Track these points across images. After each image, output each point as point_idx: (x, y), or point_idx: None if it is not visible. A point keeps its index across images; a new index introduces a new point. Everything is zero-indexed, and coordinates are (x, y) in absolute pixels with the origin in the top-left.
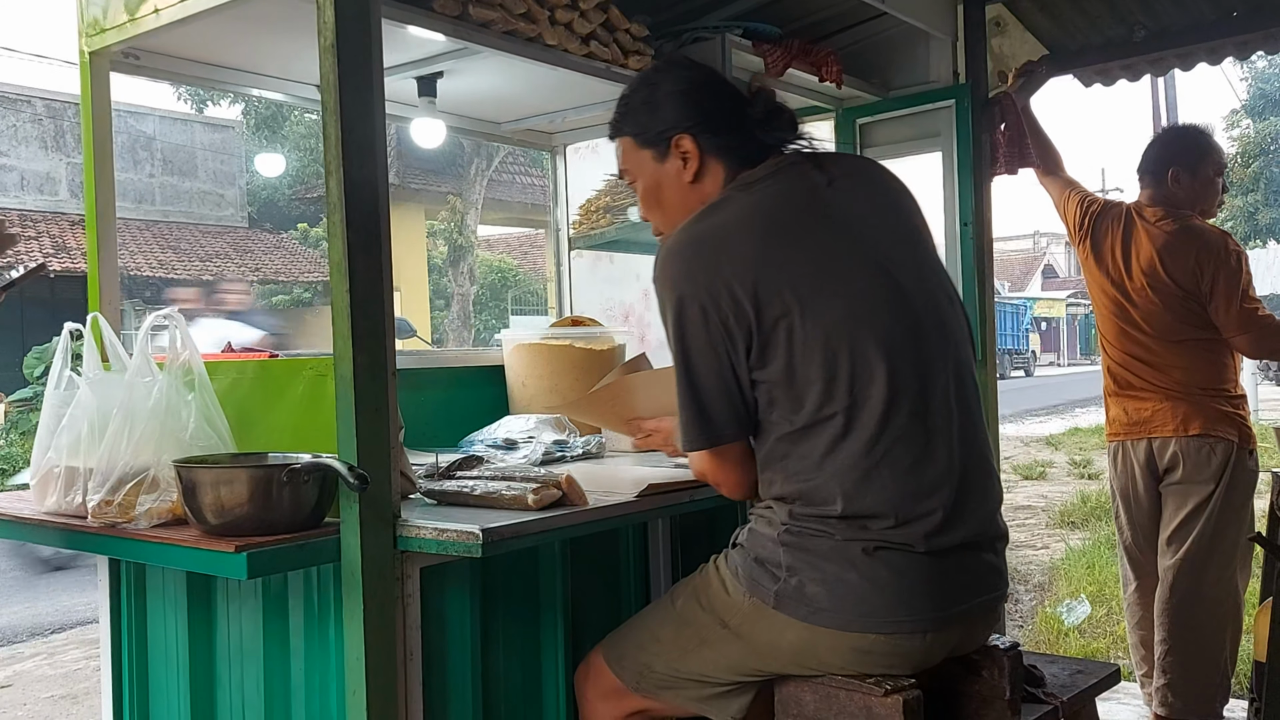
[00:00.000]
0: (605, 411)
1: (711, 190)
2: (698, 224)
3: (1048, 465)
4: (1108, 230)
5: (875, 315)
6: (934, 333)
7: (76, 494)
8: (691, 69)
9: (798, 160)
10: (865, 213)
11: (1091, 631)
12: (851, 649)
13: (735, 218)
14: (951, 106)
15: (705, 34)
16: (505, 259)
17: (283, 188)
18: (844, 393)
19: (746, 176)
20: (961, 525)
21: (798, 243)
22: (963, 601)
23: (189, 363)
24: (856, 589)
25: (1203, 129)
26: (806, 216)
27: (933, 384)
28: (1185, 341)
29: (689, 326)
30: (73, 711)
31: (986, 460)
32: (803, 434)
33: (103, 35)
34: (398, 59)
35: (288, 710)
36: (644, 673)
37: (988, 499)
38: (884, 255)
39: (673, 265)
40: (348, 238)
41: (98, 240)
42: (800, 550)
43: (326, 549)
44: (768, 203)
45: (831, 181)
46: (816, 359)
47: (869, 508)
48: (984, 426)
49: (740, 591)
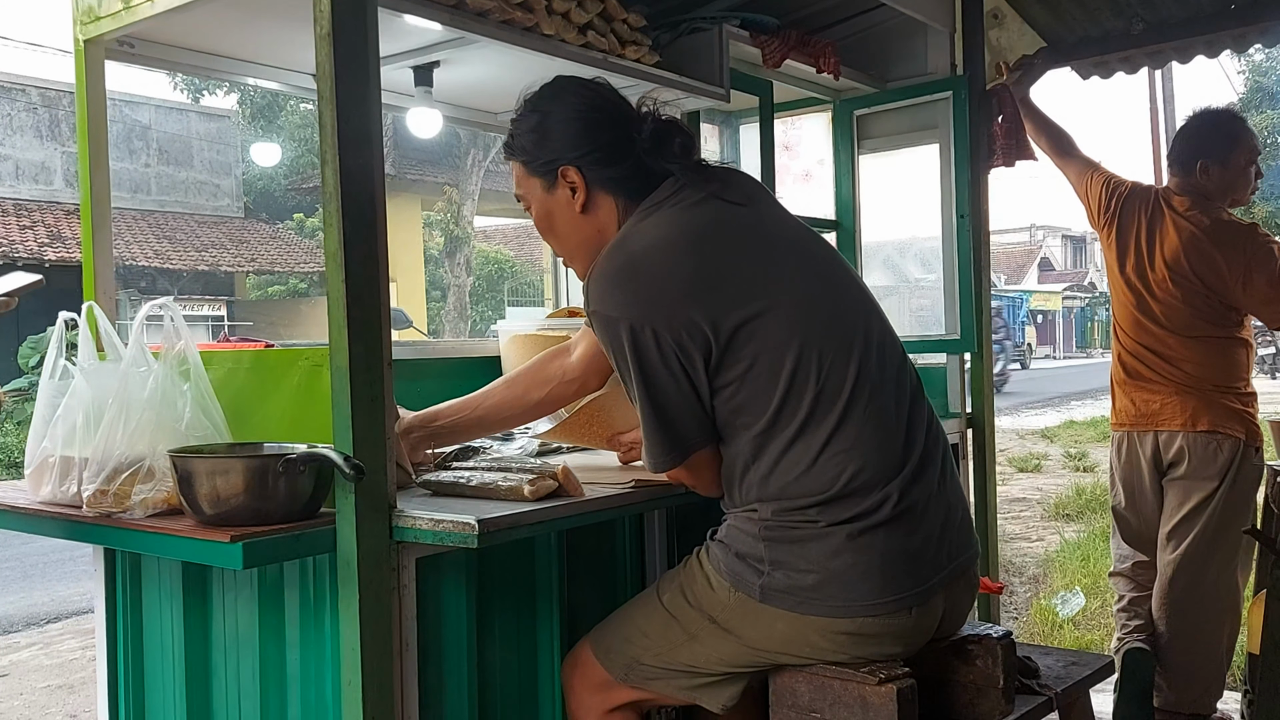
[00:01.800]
0: (585, 433)
1: (606, 220)
2: (625, 249)
3: (1043, 458)
4: (1134, 216)
5: (822, 312)
6: (872, 321)
7: (72, 484)
8: (580, 95)
9: (697, 181)
10: (776, 218)
11: (1086, 624)
12: (843, 634)
13: (664, 238)
14: (949, 98)
15: (702, 25)
16: (502, 250)
17: (279, 178)
18: (810, 387)
19: (651, 201)
20: (925, 483)
21: (733, 254)
22: (940, 569)
23: (184, 353)
24: (842, 575)
25: (1235, 113)
26: (731, 229)
27: (882, 368)
28: (1201, 337)
29: (644, 352)
30: (69, 701)
31: (936, 434)
32: (770, 432)
33: (98, 23)
34: (394, 48)
35: (283, 700)
36: (632, 665)
37: (945, 468)
38: (809, 256)
39: (614, 293)
40: (343, 228)
41: (93, 230)
42: (783, 544)
43: (322, 539)
44: (689, 221)
45: (736, 196)
46: (780, 360)
47: (848, 490)
48: (924, 403)
49: (725, 587)
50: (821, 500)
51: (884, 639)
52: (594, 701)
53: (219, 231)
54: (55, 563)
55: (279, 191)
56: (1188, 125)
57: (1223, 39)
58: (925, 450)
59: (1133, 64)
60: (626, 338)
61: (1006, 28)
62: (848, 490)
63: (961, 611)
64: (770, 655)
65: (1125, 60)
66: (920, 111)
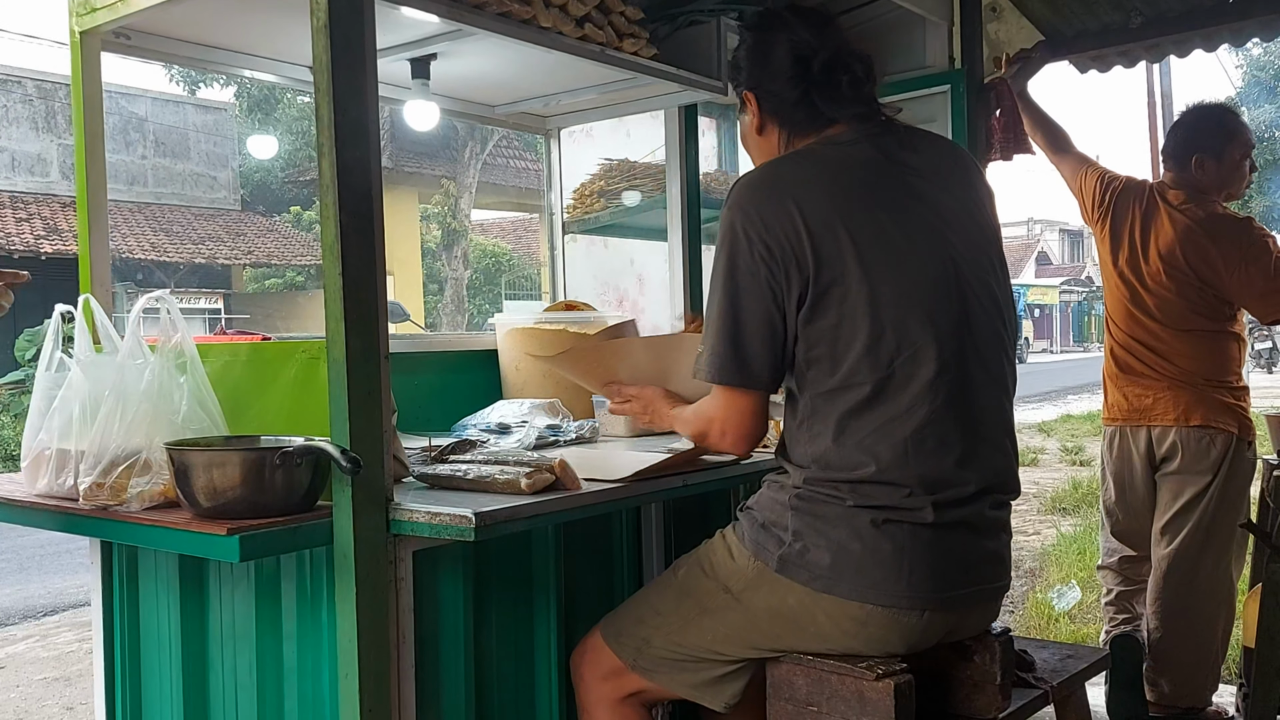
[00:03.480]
0: (586, 369)
1: (774, 145)
2: (780, 164)
3: (1040, 452)
4: (1128, 210)
5: (929, 296)
6: (983, 327)
7: (68, 476)
8: (770, 27)
9: (883, 133)
10: (942, 197)
11: (1082, 617)
12: (850, 618)
13: (818, 167)
14: (947, 92)
15: (701, 17)
16: (499, 243)
17: (275, 170)
18: (883, 364)
19: (836, 136)
20: (971, 508)
21: (872, 207)
22: (964, 586)
23: (181, 345)
24: (859, 558)
25: (1228, 108)
26: (887, 184)
27: (971, 374)
28: (1194, 331)
29: (740, 259)
30: (65, 693)
31: (1012, 455)
32: (832, 395)
33: (94, 15)
34: (391, 40)
35: (280, 693)
36: (642, 648)
37: (1005, 490)
38: (951, 241)
39: (744, 194)
40: (340, 221)
41: (89, 222)
42: (809, 515)
43: (319, 532)
44: (852, 162)
45: (917, 160)
46: (863, 325)
47: (884, 478)
48: (1012, 429)
49: (745, 555)
50: (854, 479)
51: (889, 635)
52: (604, 690)
53: (216, 224)
54: (52, 555)
55: (276, 184)
56: (1182, 120)
57: (1220, 33)
58: (987, 477)
59: (1130, 58)
60: (731, 237)
61: (1004, 21)
62: (883, 479)
63: (973, 630)
64: (775, 637)
65: (1123, 54)
66: (918, 105)
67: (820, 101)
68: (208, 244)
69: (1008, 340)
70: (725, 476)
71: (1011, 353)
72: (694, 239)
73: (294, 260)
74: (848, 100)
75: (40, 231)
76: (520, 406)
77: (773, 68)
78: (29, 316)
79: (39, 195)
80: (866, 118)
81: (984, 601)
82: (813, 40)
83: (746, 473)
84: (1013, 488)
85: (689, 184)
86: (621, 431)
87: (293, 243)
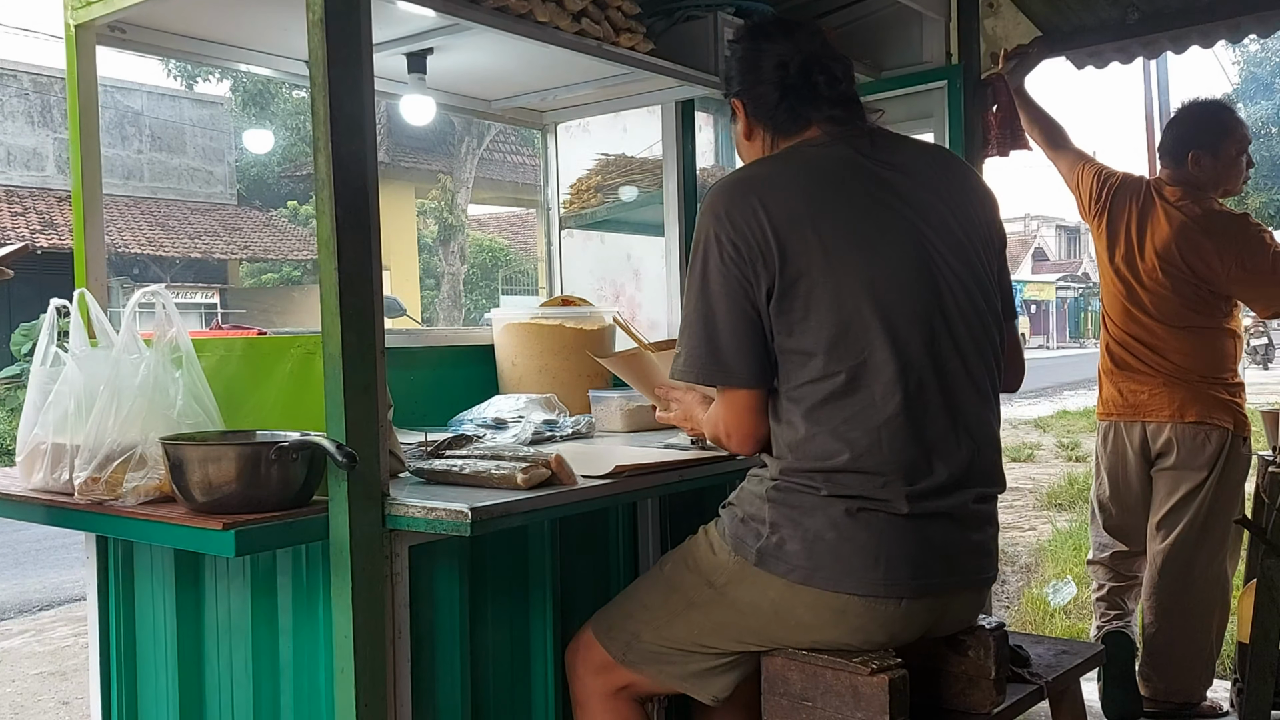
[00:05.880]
0: (638, 375)
1: (760, 149)
2: (753, 166)
3: (1035, 447)
4: (1125, 206)
5: (898, 288)
6: (962, 320)
7: (63, 471)
8: (753, 36)
9: (860, 134)
10: (920, 193)
11: (1077, 613)
12: (829, 609)
13: (791, 167)
14: (944, 87)
15: (697, 13)
16: (496, 238)
17: (272, 165)
18: (853, 353)
19: (814, 139)
20: (951, 500)
21: (843, 203)
22: (944, 575)
23: (176, 340)
24: (834, 548)
25: (1225, 104)
26: (860, 182)
27: (947, 366)
28: (1189, 328)
29: (711, 260)
30: (61, 688)
31: (992, 449)
32: (806, 386)
33: (89, 8)
34: (387, 34)
35: (276, 688)
36: (631, 643)
37: (988, 483)
38: (926, 236)
39: (715, 198)
40: (336, 215)
41: (84, 216)
42: (785, 506)
43: (315, 527)
44: (826, 161)
45: (895, 159)
46: (829, 317)
47: (857, 467)
48: (995, 418)
49: (726, 551)
50: (828, 468)
51: (870, 625)
52: (596, 684)
53: (212, 219)
54: (47, 550)
55: (272, 178)
56: (1178, 116)
57: (1218, 29)
58: (963, 468)
59: (1127, 54)
60: (699, 236)
61: (1002, 17)
62: (857, 467)
63: (961, 622)
64: (759, 631)
65: (1120, 50)
66: (915, 101)
67: (798, 103)
68: (203, 239)
69: (995, 334)
70: (721, 471)
71: (1000, 347)
72: (691, 234)
73: (290, 255)
74: (825, 101)
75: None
76: (516, 402)
77: (755, 74)
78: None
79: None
80: (844, 120)
81: (967, 592)
82: (790, 45)
83: (741, 468)
84: (995, 480)
85: (686, 179)
86: (618, 427)
87: (289, 237)
